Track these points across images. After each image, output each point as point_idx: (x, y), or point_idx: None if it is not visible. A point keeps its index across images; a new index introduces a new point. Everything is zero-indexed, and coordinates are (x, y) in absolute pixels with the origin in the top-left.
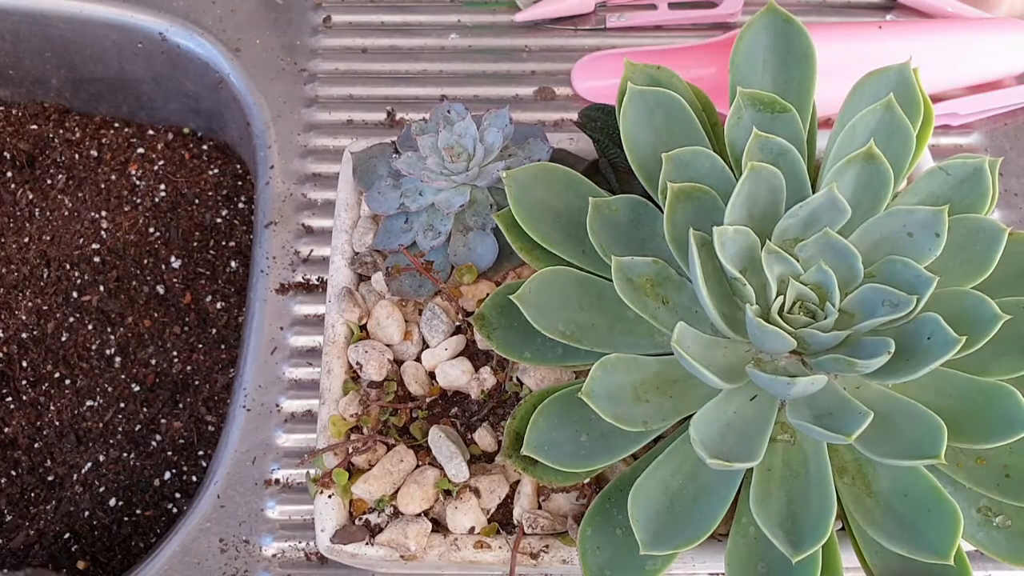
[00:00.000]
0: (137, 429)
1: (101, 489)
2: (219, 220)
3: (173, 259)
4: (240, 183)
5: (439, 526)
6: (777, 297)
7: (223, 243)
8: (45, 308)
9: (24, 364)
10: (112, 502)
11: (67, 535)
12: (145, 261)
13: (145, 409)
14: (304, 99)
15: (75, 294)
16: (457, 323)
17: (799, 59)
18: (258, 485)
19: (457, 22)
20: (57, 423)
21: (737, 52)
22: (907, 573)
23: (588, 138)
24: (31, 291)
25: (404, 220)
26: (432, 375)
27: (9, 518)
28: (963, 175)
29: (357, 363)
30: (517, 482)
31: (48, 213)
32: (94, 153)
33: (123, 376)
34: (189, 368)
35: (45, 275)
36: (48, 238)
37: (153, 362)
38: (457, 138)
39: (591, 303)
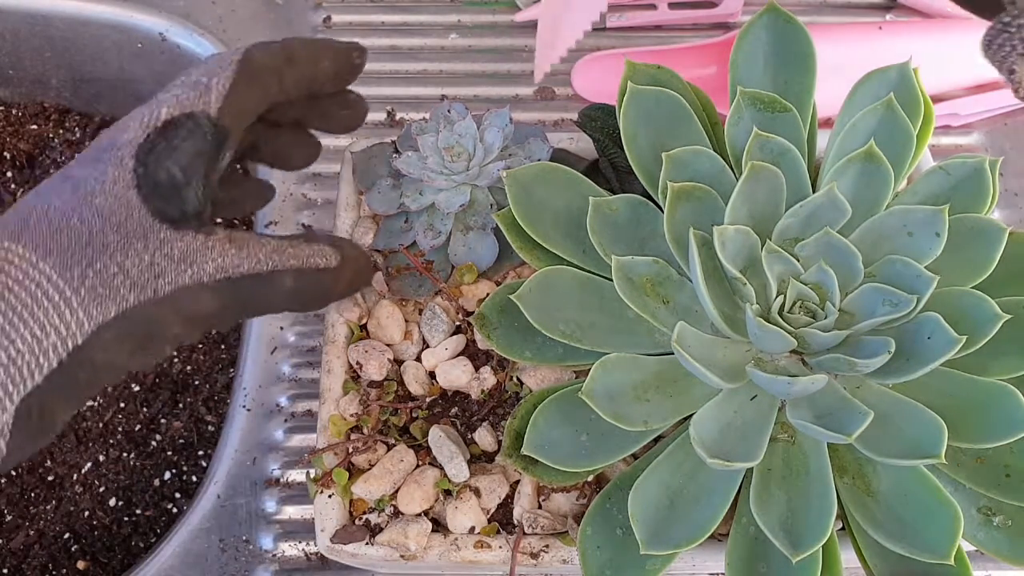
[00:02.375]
0: (137, 429)
1: (101, 489)
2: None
3: None
4: None
5: (439, 526)
6: (777, 297)
7: None
8: None
9: None
10: (112, 502)
11: (67, 535)
12: None
13: (145, 409)
14: None
15: None
16: (457, 323)
17: (799, 59)
18: (258, 485)
19: (457, 22)
20: None
21: (737, 52)
22: (907, 573)
23: (588, 138)
24: None
25: (404, 220)
26: (432, 375)
27: (9, 518)
28: (963, 175)
29: (357, 363)
30: (517, 482)
31: None
32: None
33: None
34: (189, 368)
35: None
36: None
37: None
38: (457, 138)
39: (591, 303)
